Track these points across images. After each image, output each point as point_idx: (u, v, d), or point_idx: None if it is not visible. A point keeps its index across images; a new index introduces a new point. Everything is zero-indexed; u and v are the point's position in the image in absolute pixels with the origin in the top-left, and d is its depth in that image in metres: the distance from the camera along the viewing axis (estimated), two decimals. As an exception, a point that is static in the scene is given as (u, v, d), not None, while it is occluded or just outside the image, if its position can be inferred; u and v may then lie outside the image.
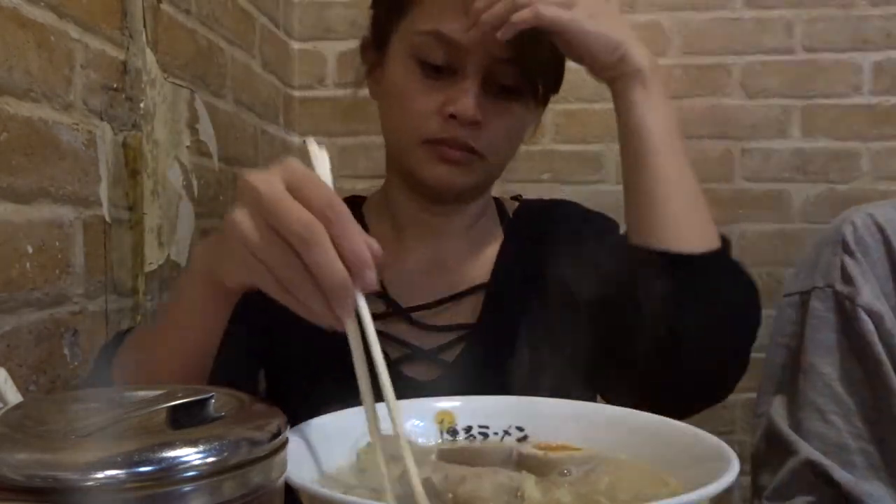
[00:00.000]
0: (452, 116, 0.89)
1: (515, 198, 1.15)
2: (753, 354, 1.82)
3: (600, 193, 1.89)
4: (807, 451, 0.89)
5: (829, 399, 0.90)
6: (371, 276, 0.55)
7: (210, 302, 0.68)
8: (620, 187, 1.08)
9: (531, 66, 0.91)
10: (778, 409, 0.95)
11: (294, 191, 0.56)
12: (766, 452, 0.96)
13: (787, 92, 1.86)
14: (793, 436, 0.91)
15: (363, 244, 0.55)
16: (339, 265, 0.54)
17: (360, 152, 1.88)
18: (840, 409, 0.90)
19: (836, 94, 1.85)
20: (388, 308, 0.97)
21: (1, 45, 0.78)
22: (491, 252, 1.03)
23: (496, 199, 1.12)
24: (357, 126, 1.82)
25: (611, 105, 0.92)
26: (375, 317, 0.87)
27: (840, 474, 0.87)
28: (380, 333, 0.84)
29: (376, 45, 0.98)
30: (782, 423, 0.93)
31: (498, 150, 0.95)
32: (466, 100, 0.89)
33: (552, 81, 0.98)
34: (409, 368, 0.94)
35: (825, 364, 0.91)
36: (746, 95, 1.87)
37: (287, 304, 0.57)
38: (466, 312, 0.98)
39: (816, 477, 0.88)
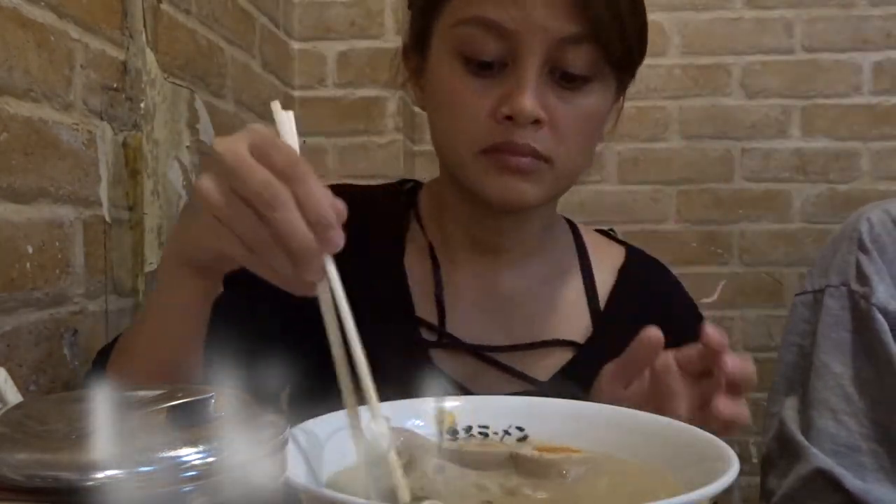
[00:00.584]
0: (509, 118, 0.76)
1: (604, 232, 1.02)
2: (761, 354, 1.82)
3: (600, 193, 1.90)
4: (817, 459, 0.88)
5: (841, 399, 0.89)
6: (336, 237, 0.54)
7: (188, 281, 0.64)
8: (620, 187, 1.08)
9: (610, 41, 0.76)
10: (789, 411, 0.94)
11: (257, 154, 0.54)
12: (777, 455, 0.95)
13: (787, 92, 1.87)
14: (804, 442, 0.90)
15: (327, 204, 0.54)
16: (302, 226, 0.52)
17: (360, 152, 1.88)
18: (851, 409, 0.89)
19: (836, 94, 1.86)
20: (445, 339, 0.86)
21: (1, 45, 0.78)
22: (573, 298, 0.90)
23: (568, 222, 0.98)
24: (357, 126, 1.82)
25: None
26: (433, 344, 0.85)
27: (851, 483, 0.85)
28: (433, 366, 0.81)
29: (417, 47, 0.86)
30: (794, 427, 0.92)
31: (570, 152, 0.80)
32: (523, 95, 0.75)
33: (637, 55, 0.82)
34: None
35: (837, 363, 0.90)
36: (746, 95, 1.87)
37: (256, 271, 0.56)
38: (535, 364, 0.86)
39: (826, 485, 0.87)
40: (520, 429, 0.68)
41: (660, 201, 1.90)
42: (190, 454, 0.34)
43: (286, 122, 0.59)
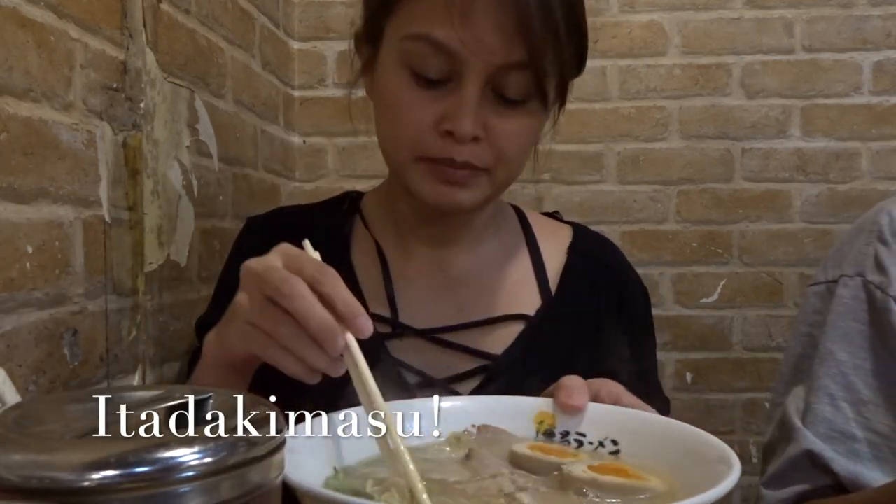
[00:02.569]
0: (449, 133, 0.80)
1: (551, 214, 1.07)
2: (761, 354, 1.82)
3: (600, 193, 1.90)
4: (808, 441, 0.88)
5: (842, 386, 0.89)
6: (366, 322, 0.60)
7: (226, 378, 0.71)
8: (620, 187, 1.09)
9: (548, 67, 0.80)
10: (793, 399, 0.94)
11: (288, 264, 0.62)
12: (776, 441, 0.95)
13: (787, 92, 1.87)
14: (798, 424, 0.91)
15: (352, 297, 0.60)
16: (321, 309, 0.59)
17: (360, 152, 1.88)
18: (851, 397, 0.89)
19: (836, 94, 1.86)
20: (396, 328, 0.90)
21: (1, 45, 0.78)
22: (521, 276, 0.95)
23: (514, 208, 1.03)
24: (357, 126, 1.82)
25: (610, 105, 0.91)
26: (387, 336, 0.88)
27: (842, 465, 0.86)
28: (388, 357, 0.86)
29: (369, 39, 0.89)
30: (793, 412, 0.92)
31: (506, 162, 0.85)
32: (464, 115, 0.79)
33: (574, 74, 0.87)
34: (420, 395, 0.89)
35: (843, 352, 0.90)
36: (746, 95, 1.87)
37: (285, 368, 0.62)
38: (488, 340, 0.90)
39: (814, 466, 0.88)
40: (614, 442, 0.67)
41: (660, 201, 1.90)
42: (187, 454, 0.34)
43: (313, 251, 0.67)
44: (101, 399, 0.42)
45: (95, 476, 0.32)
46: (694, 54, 1.87)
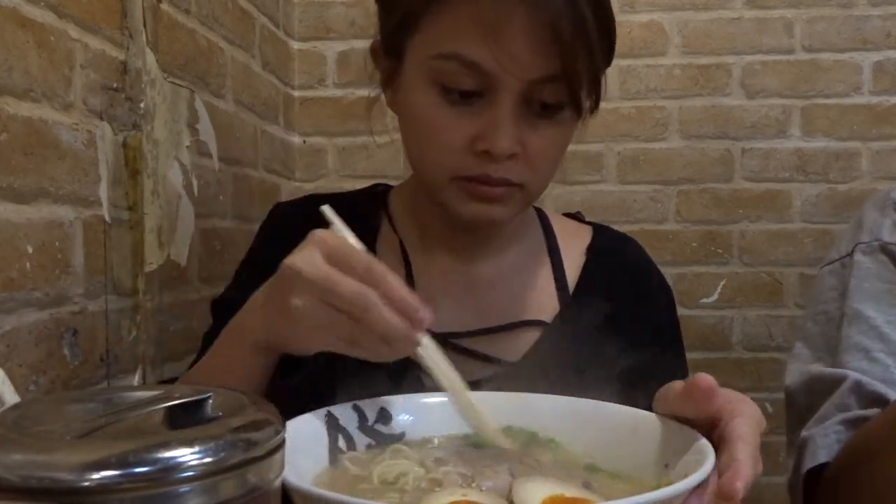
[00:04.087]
0: (486, 152, 0.78)
1: (572, 215, 1.05)
2: (761, 354, 1.82)
3: (600, 193, 1.90)
4: (856, 375, 0.85)
5: (876, 339, 0.87)
6: (427, 314, 0.62)
7: (258, 360, 0.72)
8: (620, 187, 1.08)
9: (582, 76, 0.78)
10: (815, 365, 0.91)
11: (336, 264, 0.62)
12: (808, 401, 0.91)
13: (787, 92, 1.87)
14: (836, 371, 0.87)
15: (408, 293, 0.61)
16: (394, 318, 0.60)
17: (360, 152, 1.88)
18: (888, 347, 0.87)
19: (836, 94, 1.85)
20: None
21: (1, 45, 0.78)
22: (542, 281, 0.94)
23: (537, 210, 1.01)
24: (357, 126, 1.82)
25: (610, 105, 0.90)
26: None
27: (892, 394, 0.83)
28: (406, 360, 0.87)
29: (389, 52, 0.86)
30: (825, 369, 0.89)
31: (541, 177, 0.84)
32: (501, 134, 0.77)
33: (602, 70, 0.85)
34: None
35: (871, 309, 0.89)
36: (746, 95, 1.87)
37: (357, 356, 0.64)
38: (506, 346, 0.89)
39: (864, 396, 0.84)
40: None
41: (660, 201, 1.90)
42: (186, 454, 0.34)
43: (337, 223, 0.68)
44: (101, 399, 0.42)
45: (95, 476, 0.32)
46: (694, 54, 1.87)
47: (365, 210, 0.97)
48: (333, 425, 0.65)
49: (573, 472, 0.61)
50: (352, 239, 0.66)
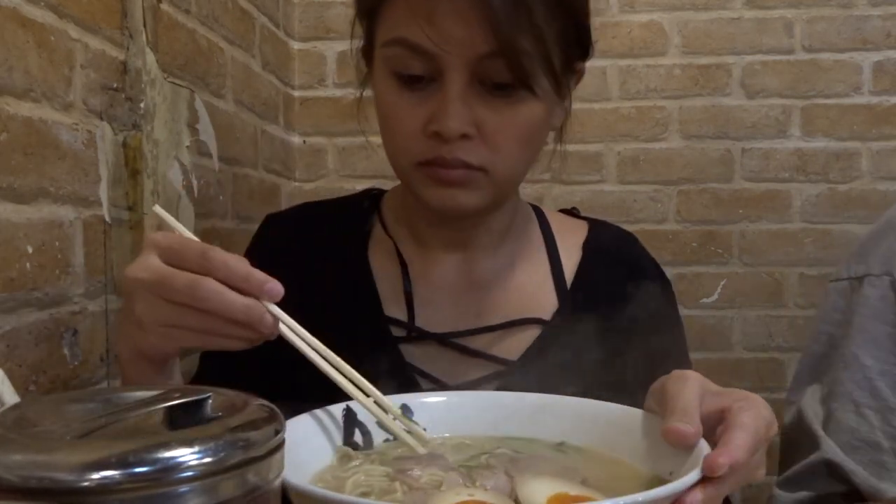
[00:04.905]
0: (437, 133, 0.78)
1: (568, 211, 1.05)
2: (761, 354, 1.81)
3: (600, 193, 1.90)
4: (830, 451, 0.85)
5: (868, 393, 0.86)
6: (275, 286, 0.61)
7: (155, 371, 0.70)
8: (620, 187, 1.08)
9: (520, 55, 0.76)
10: (809, 401, 0.91)
11: (169, 260, 0.62)
12: (794, 445, 0.92)
13: (787, 92, 1.87)
14: (819, 432, 0.87)
15: (249, 269, 0.61)
16: (239, 298, 0.60)
17: (360, 152, 1.88)
18: (877, 404, 0.86)
19: (836, 94, 1.86)
20: (412, 332, 0.89)
21: (1, 45, 0.78)
22: (540, 278, 0.94)
23: (534, 207, 1.01)
24: (357, 126, 1.82)
25: (610, 105, 0.90)
26: (402, 340, 0.89)
27: (862, 478, 0.83)
28: (402, 362, 0.87)
29: (365, 54, 0.89)
30: (812, 417, 0.89)
31: (505, 160, 0.82)
32: (449, 114, 0.77)
33: (577, 52, 0.84)
34: None
35: (868, 356, 0.87)
36: (746, 95, 1.87)
37: (219, 348, 0.64)
38: (506, 345, 0.89)
39: (831, 475, 0.85)
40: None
41: (660, 201, 1.90)
42: (186, 455, 0.34)
43: (169, 219, 0.68)
44: (101, 399, 0.42)
45: (95, 476, 0.32)
46: (694, 54, 1.87)
47: (356, 215, 0.98)
48: (351, 420, 0.65)
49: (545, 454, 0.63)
50: (186, 233, 0.67)
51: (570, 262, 0.96)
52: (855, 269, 0.92)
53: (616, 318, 0.85)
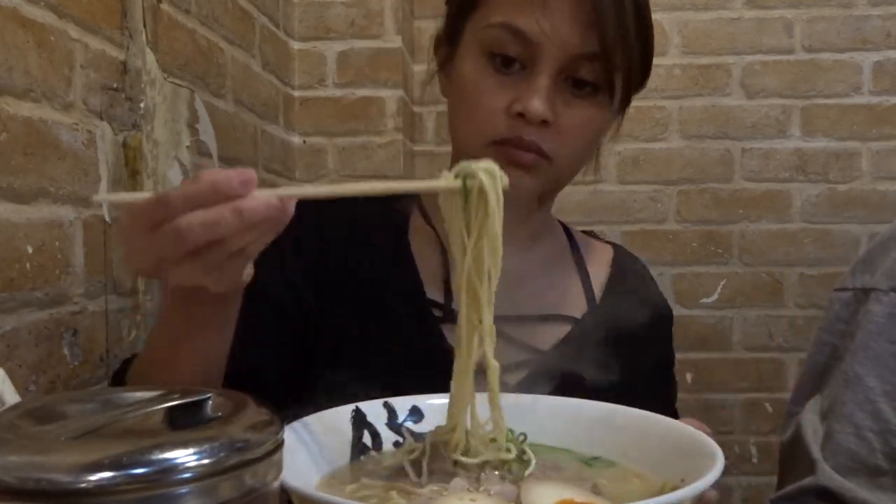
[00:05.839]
0: (521, 115, 0.83)
1: (587, 232, 1.10)
2: (761, 354, 1.81)
3: (600, 193, 1.90)
4: (825, 476, 0.83)
5: (869, 415, 0.83)
6: (244, 175, 0.55)
7: (199, 309, 0.65)
8: (620, 187, 1.09)
9: (617, 61, 0.83)
10: (809, 415, 0.89)
11: (136, 229, 0.56)
12: (792, 462, 0.90)
13: (787, 92, 1.87)
14: (816, 455, 0.85)
15: (210, 179, 0.54)
16: (217, 211, 0.54)
17: (360, 152, 1.88)
18: (879, 426, 0.83)
19: (836, 94, 1.86)
20: (448, 314, 0.91)
21: (1, 45, 0.78)
22: (570, 281, 0.99)
23: (561, 223, 1.06)
24: (357, 126, 1.82)
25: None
26: (441, 320, 0.90)
27: (860, 499, 0.81)
28: (442, 342, 0.88)
29: (449, 40, 0.92)
30: (811, 438, 0.87)
31: (569, 154, 0.88)
32: (535, 97, 0.82)
33: (639, 78, 0.90)
34: None
35: (872, 376, 0.84)
36: (746, 95, 1.87)
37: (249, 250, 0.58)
38: (538, 335, 0.93)
39: (822, 498, 0.83)
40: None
41: (660, 201, 1.90)
42: (184, 456, 0.34)
43: (116, 197, 0.64)
44: (101, 400, 0.42)
45: (92, 477, 0.32)
46: (694, 54, 1.87)
47: (393, 202, 1.00)
48: (360, 421, 0.65)
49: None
50: (137, 197, 0.60)
51: (598, 274, 1.01)
52: (861, 281, 0.89)
53: (634, 336, 0.91)
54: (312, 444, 0.60)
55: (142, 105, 1.05)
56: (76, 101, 0.91)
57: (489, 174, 0.61)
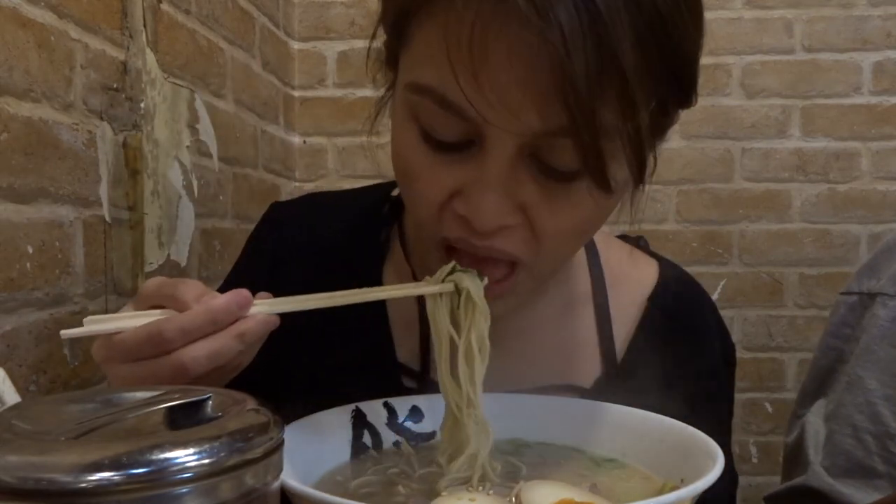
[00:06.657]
0: (467, 220, 0.59)
1: (628, 238, 0.87)
2: (761, 354, 1.81)
3: (600, 193, 1.90)
4: (816, 478, 0.84)
5: (867, 417, 0.84)
6: (240, 298, 0.55)
7: None
8: (619, 188, 1.07)
9: (597, 137, 0.53)
10: (814, 418, 0.89)
11: (129, 357, 0.55)
12: (793, 464, 0.91)
13: (787, 92, 1.87)
14: (811, 458, 0.86)
15: (209, 310, 0.54)
16: (218, 339, 0.54)
17: (360, 152, 1.88)
18: (877, 429, 0.83)
19: (836, 94, 1.85)
20: (424, 386, 0.74)
21: (1, 45, 0.78)
22: (583, 337, 0.77)
23: (593, 244, 0.83)
24: (357, 126, 1.82)
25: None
26: (413, 391, 0.74)
27: (856, 500, 0.81)
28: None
29: (388, 64, 0.67)
30: (811, 440, 0.87)
31: (552, 254, 0.63)
32: (485, 201, 0.56)
33: (653, 139, 0.64)
34: None
35: (873, 379, 0.84)
36: (746, 95, 1.87)
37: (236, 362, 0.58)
38: None
39: (810, 498, 0.84)
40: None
41: (660, 201, 1.90)
42: (184, 455, 0.34)
43: (95, 329, 0.57)
44: (100, 400, 0.42)
45: (92, 477, 0.32)
46: (694, 54, 1.87)
47: (371, 225, 0.82)
48: (360, 421, 0.65)
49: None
50: (119, 324, 0.56)
51: (625, 317, 0.79)
52: (867, 285, 0.89)
53: (667, 386, 0.68)
54: (312, 444, 0.60)
55: (142, 105, 1.05)
56: (76, 101, 0.91)
57: (473, 280, 0.58)
